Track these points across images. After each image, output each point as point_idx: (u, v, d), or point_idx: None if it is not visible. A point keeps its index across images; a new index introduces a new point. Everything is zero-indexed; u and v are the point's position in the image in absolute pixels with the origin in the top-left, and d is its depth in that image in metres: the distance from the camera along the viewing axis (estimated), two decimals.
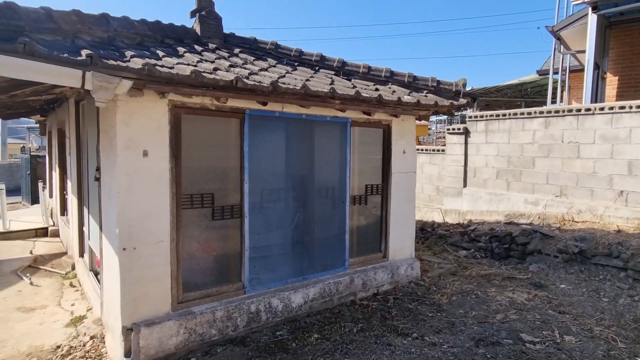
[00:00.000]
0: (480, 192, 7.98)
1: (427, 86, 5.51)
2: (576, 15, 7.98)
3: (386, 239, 5.16)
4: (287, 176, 4.23)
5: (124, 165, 3.15)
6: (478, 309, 4.35)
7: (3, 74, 2.43)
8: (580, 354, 3.36)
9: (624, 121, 6.06)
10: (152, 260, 3.32)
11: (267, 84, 3.46)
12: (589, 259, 5.59)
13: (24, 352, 3.54)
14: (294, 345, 3.57)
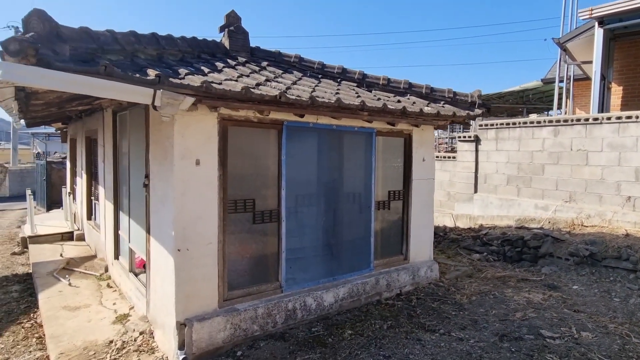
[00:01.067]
0: (490, 197, 8.27)
1: (444, 97, 5.81)
2: (581, 28, 8.31)
3: (407, 242, 5.44)
4: (319, 183, 4.52)
5: (180, 173, 3.44)
6: (498, 308, 4.62)
7: (86, 92, 2.73)
8: (597, 348, 3.63)
9: (630, 130, 6.37)
10: (202, 261, 3.60)
11: (306, 98, 3.77)
12: (599, 262, 5.86)
13: (80, 346, 3.81)
14: (330, 340, 3.84)
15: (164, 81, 2.98)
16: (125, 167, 5.13)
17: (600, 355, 3.51)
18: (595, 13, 6.95)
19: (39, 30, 2.61)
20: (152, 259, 4.05)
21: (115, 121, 5.52)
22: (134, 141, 4.70)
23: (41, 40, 2.56)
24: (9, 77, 2.39)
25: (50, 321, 4.38)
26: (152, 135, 3.92)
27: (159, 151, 3.73)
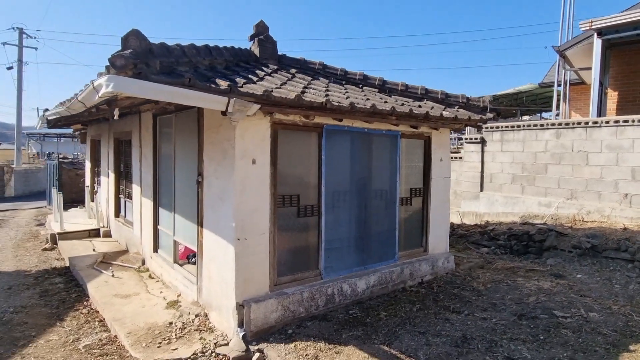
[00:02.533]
0: (496, 195, 8.79)
1: (458, 102, 6.29)
2: (579, 37, 8.88)
3: (426, 235, 5.92)
4: (351, 180, 4.98)
5: (240, 171, 3.88)
6: (512, 294, 5.12)
7: (173, 100, 3.17)
8: (605, 325, 4.14)
9: (627, 133, 6.93)
10: (256, 249, 4.05)
11: (347, 105, 4.23)
12: (600, 253, 6.40)
13: (143, 327, 4.22)
14: (368, 320, 4.30)
15: (234, 90, 3.43)
16: (168, 166, 5.54)
17: (608, 330, 4.01)
18: (594, 25, 7.51)
19: (136, 47, 3.04)
20: (205, 249, 4.48)
21: (155, 124, 5.93)
22: (182, 143, 5.13)
23: (138, 56, 2.99)
24: (119, 89, 2.82)
25: (108, 307, 4.78)
26: (207, 137, 4.35)
27: (216, 152, 4.16)
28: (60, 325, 4.51)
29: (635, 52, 8.87)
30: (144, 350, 3.76)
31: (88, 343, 4.04)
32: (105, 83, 2.81)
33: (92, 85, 2.97)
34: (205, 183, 4.43)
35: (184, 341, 3.93)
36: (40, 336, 4.21)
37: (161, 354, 3.69)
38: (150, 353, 3.71)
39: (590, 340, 3.81)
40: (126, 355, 3.75)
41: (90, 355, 3.78)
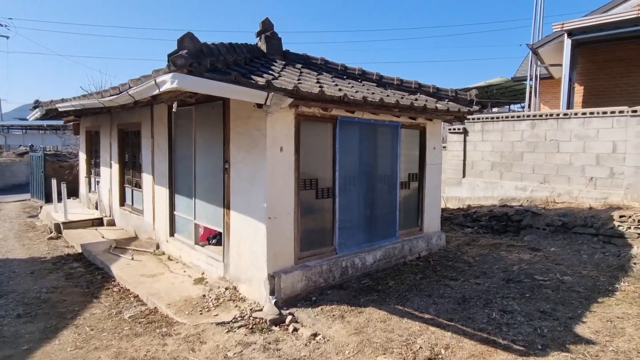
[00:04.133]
0: (477, 181, 9.61)
1: (448, 95, 6.95)
2: (550, 36, 9.75)
3: (422, 216, 6.60)
4: (360, 166, 5.55)
5: (270, 157, 4.37)
6: (498, 264, 5.87)
7: (221, 94, 3.62)
8: (577, 285, 4.93)
9: (593, 124, 7.83)
10: (284, 227, 4.57)
11: (360, 98, 4.78)
12: (569, 230, 7.28)
13: (180, 299, 4.67)
14: (380, 287, 4.92)
15: (270, 85, 3.90)
16: (186, 156, 5.92)
17: (580, 288, 4.80)
18: (565, 27, 8.35)
19: (190, 48, 3.46)
20: (232, 229, 4.95)
21: (170, 115, 6.28)
22: (203, 133, 5.53)
23: (193, 56, 3.42)
24: (182, 85, 3.26)
25: (139, 285, 5.18)
26: (234, 128, 4.80)
27: (245, 141, 4.62)
28: (98, 301, 4.89)
29: (599, 51, 9.83)
30: (188, 317, 4.23)
31: (132, 314, 4.46)
32: (171, 80, 3.23)
33: (155, 81, 3.38)
34: (232, 169, 4.88)
35: (222, 309, 4.42)
36: (83, 311, 4.59)
37: (205, 319, 4.18)
38: (194, 319, 4.19)
39: (567, 296, 4.58)
40: (173, 321, 4.20)
41: (139, 324, 4.21)
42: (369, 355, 3.40)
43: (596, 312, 4.14)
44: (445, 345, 3.47)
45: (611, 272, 5.46)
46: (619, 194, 7.65)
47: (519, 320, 3.93)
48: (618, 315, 4.05)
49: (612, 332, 3.68)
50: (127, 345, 3.72)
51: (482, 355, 3.28)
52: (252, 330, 3.96)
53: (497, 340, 3.53)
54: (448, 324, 3.87)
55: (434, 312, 4.15)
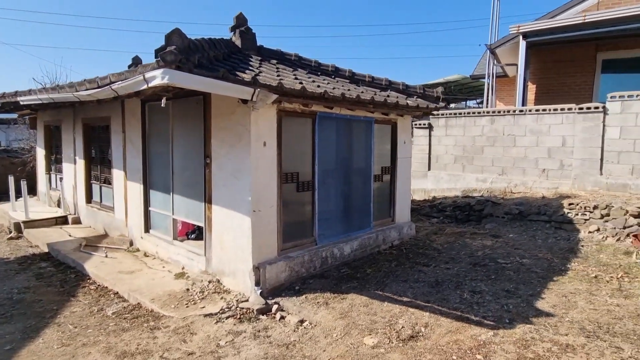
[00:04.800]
0: (441, 174, 10.14)
1: (416, 92, 7.31)
2: (507, 37, 10.42)
3: (394, 207, 6.93)
4: (337, 160, 5.76)
5: (255, 152, 4.48)
6: (464, 250, 6.32)
7: (209, 90, 3.69)
8: (535, 266, 5.44)
9: (545, 120, 8.51)
10: (267, 220, 4.70)
11: (339, 95, 4.98)
12: (525, 217, 7.92)
13: (163, 294, 4.69)
14: (358, 275, 5.18)
15: (256, 82, 4.01)
16: (163, 151, 5.88)
17: (538, 269, 5.31)
18: (521, 29, 8.98)
19: (178, 45, 3.50)
20: (214, 223, 5.01)
21: (144, 110, 6.19)
22: (181, 129, 5.52)
23: (182, 52, 3.47)
24: (173, 80, 3.30)
25: (118, 282, 5.13)
26: (216, 123, 4.85)
27: (228, 136, 4.69)
28: (76, 300, 4.80)
29: (550, 52, 10.63)
30: (175, 310, 4.28)
31: (115, 311, 4.44)
32: (161, 75, 3.27)
33: (144, 76, 3.39)
34: (214, 164, 4.93)
35: (208, 301, 4.50)
36: (62, 309, 4.50)
37: (192, 311, 4.24)
38: (182, 312, 4.25)
39: (527, 276, 5.05)
40: (160, 315, 4.23)
41: (124, 319, 4.21)
42: (355, 336, 3.63)
43: (552, 289, 4.62)
44: (425, 323, 3.78)
45: (563, 254, 6.05)
46: (567, 184, 8.40)
47: (487, 299, 4.32)
48: (571, 291, 4.54)
49: (567, 305, 4.15)
50: (116, 340, 3.73)
51: (458, 330, 3.61)
52: (240, 320, 4.08)
53: (470, 317, 3.88)
54: (425, 305, 4.19)
55: (411, 295, 4.46)
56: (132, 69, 3.74)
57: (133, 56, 9.45)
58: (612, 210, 7.04)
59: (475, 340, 3.42)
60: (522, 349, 3.24)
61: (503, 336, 3.47)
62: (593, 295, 4.43)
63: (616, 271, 5.17)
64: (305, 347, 3.53)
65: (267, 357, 3.38)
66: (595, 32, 8.78)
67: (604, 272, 5.16)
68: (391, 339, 3.53)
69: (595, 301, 4.25)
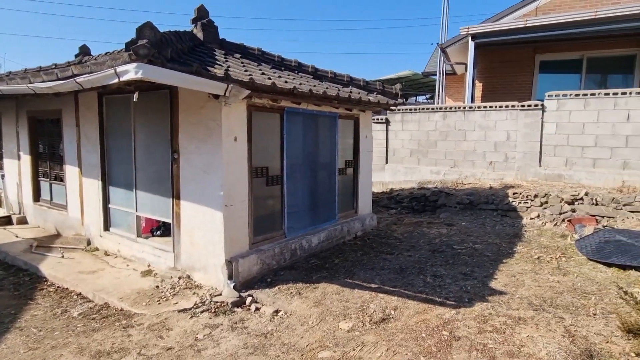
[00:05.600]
0: (398, 167, 10.61)
1: (376, 88, 7.60)
2: (457, 37, 11.05)
3: (357, 199, 7.21)
4: (304, 154, 5.89)
5: (226, 147, 4.50)
6: (423, 238, 6.73)
7: (182, 85, 3.67)
8: (486, 251, 5.94)
9: (492, 116, 9.19)
10: (239, 214, 4.75)
11: (307, 90, 5.11)
12: (475, 206, 8.54)
13: (132, 292, 4.60)
14: (327, 265, 5.38)
15: (228, 77, 4.03)
16: (124, 146, 5.69)
17: (489, 253, 5.80)
18: (470, 31, 9.58)
19: (150, 38, 3.44)
20: (183, 219, 4.97)
21: (101, 103, 5.93)
22: (145, 123, 5.37)
23: (154, 46, 3.42)
24: (146, 75, 3.26)
25: (80, 282, 4.94)
26: (184, 118, 4.79)
27: (198, 130, 4.66)
28: (35, 303, 4.57)
29: (495, 53, 11.42)
30: (147, 308, 4.23)
31: (81, 312, 4.29)
32: (135, 70, 3.21)
33: (115, 70, 3.30)
34: (182, 159, 4.88)
35: (180, 297, 4.48)
36: (22, 313, 4.28)
37: (165, 308, 4.22)
38: (154, 309, 4.21)
39: (480, 260, 5.52)
40: (131, 313, 4.16)
41: (93, 320, 4.10)
42: (331, 322, 3.82)
43: (503, 270, 5.10)
44: (394, 307, 4.05)
45: (509, 239, 6.64)
46: (511, 175, 9.15)
47: (447, 282, 4.69)
48: (518, 271, 5.05)
49: (516, 284, 4.62)
50: (87, 341, 3.64)
51: (424, 311, 3.92)
52: (215, 314, 4.12)
53: (434, 298, 4.22)
54: (393, 290, 4.48)
55: (379, 282, 4.74)
56: (99, 61, 3.61)
57: (80, 45, 8.93)
58: (550, 199, 7.80)
59: (441, 319, 3.74)
60: (482, 324, 3.60)
61: (464, 314, 3.82)
62: (537, 274, 4.95)
63: (555, 252, 5.79)
64: (283, 335, 3.66)
65: (246, 347, 3.48)
66: (534, 36, 9.58)
67: (544, 253, 5.76)
68: (364, 322, 3.76)
69: (539, 279, 4.76)
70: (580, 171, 8.35)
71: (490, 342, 3.27)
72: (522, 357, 3.04)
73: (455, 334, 3.44)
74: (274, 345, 3.49)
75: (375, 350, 3.27)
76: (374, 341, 3.41)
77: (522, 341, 3.27)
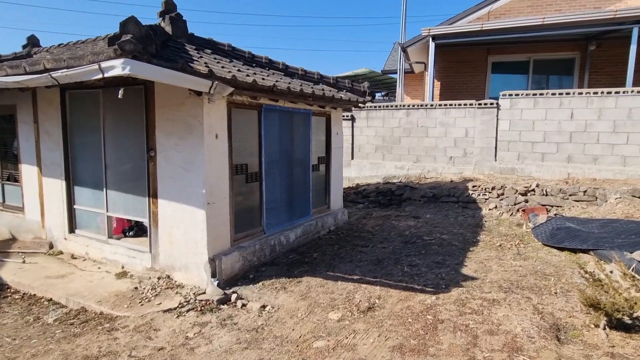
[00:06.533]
0: (364, 162, 10.91)
1: (345, 86, 7.78)
2: (417, 37, 11.52)
3: (329, 195, 7.37)
4: (280, 151, 5.94)
5: (208, 144, 4.46)
6: (394, 231, 7.03)
7: (168, 82, 3.60)
8: (453, 240, 6.33)
9: (452, 113, 9.71)
10: (220, 211, 4.73)
11: (285, 88, 5.17)
12: (438, 199, 9.01)
13: (109, 295, 4.45)
14: (306, 260, 5.49)
15: (212, 74, 4.01)
16: (92, 144, 5.44)
17: (456, 243, 6.20)
18: (431, 32, 10.04)
19: (135, 33, 3.35)
20: (161, 218, 4.86)
21: (64, 99, 5.63)
22: (117, 119, 5.18)
23: (140, 42, 3.34)
24: (134, 71, 3.18)
25: (50, 287, 4.70)
26: (161, 114, 4.68)
27: (177, 127, 4.57)
28: (1, 311, 4.30)
29: (452, 53, 12.03)
30: (130, 310, 4.12)
31: (56, 317, 4.10)
32: (122, 66, 3.13)
33: (99, 66, 3.18)
34: (160, 157, 4.77)
35: (163, 297, 4.40)
36: None
37: (149, 308, 4.13)
38: (138, 310, 4.11)
39: (449, 249, 5.89)
40: (113, 316, 4.04)
41: (71, 325, 3.93)
42: (320, 314, 3.95)
43: (471, 257, 5.49)
44: (378, 296, 4.25)
45: (472, 229, 7.11)
46: (470, 169, 9.74)
47: (423, 271, 4.98)
48: (485, 258, 5.45)
49: (485, 269, 5.00)
50: (71, 347, 3.50)
51: (407, 299, 4.16)
52: (202, 312, 4.11)
53: (414, 286, 4.47)
54: (374, 280, 4.68)
55: (360, 273, 4.93)
56: (78, 55, 3.46)
57: (28, 35, 8.33)
58: (506, 191, 8.42)
59: (423, 304, 3.99)
60: (461, 307, 3.89)
61: (444, 299, 4.10)
62: (501, 260, 5.38)
63: (514, 239, 6.29)
64: (274, 329, 3.74)
65: (240, 342, 3.52)
66: (490, 39, 10.22)
67: (505, 241, 6.25)
68: (352, 312, 3.93)
69: (504, 264, 5.18)
70: (531, 165, 9.08)
71: (471, 322, 3.56)
72: (501, 334, 3.35)
73: (438, 317, 3.70)
74: (267, 339, 3.56)
75: (367, 336, 3.44)
76: (364, 329, 3.59)
77: (499, 320, 3.59)
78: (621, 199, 7.23)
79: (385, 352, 3.17)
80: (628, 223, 5.98)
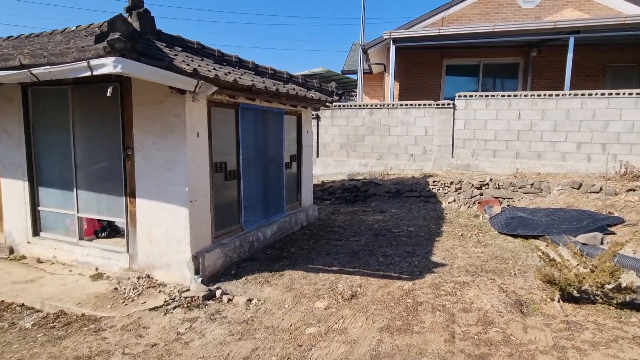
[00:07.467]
0: (329, 160, 11.20)
1: (314, 86, 8.01)
2: (377, 40, 11.99)
3: (300, 192, 7.56)
4: (256, 149, 6.05)
5: (190, 142, 4.49)
6: (364, 225, 7.37)
7: (156, 80, 3.63)
8: (420, 232, 6.77)
9: (412, 113, 10.25)
10: (202, 209, 4.78)
11: (262, 87, 5.30)
12: (402, 194, 9.50)
13: (89, 297, 4.36)
14: (285, 255, 5.66)
15: (196, 74, 4.07)
16: (60, 143, 5.24)
17: (422, 234, 6.64)
18: (392, 35, 10.51)
19: (123, 31, 3.35)
20: (140, 217, 4.81)
21: (26, 95, 5.37)
22: (88, 117, 5.04)
23: (129, 39, 3.35)
24: (126, 70, 3.19)
25: (20, 292, 4.51)
26: (140, 112, 4.63)
27: (157, 126, 4.55)
28: None
29: (411, 56, 12.63)
30: (114, 310, 4.08)
31: (34, 322, 3.97)
32: (113, 64, 3.13)
33: (88, 63, 3.15)
34: (138, 155, 4.72)
35: (146, 297, 4.39)
36: None
37: (134, 308, 4.11)
38: (123, 310, 4.07)
39: (417, 240, 6.30)
40: (97, 317, 3.97)
41: (53, 329, 3.83)
42: (306, 304, 4.15)
43: (438, 247, 5.93)
44: (359, 284, 4.53)
45: (435, 221, 7.62)
46: (429, 166, 10.34)
47: (397, 260, 5.33)
48: (450, 247, 5.91)
49: (451, 257, 5.44)
50: (58, 349, 3.44)
51: (386, 285, 4.46)
52: (189, 308, 4.16)
53: (391, 274, 4.80)
54: (353, 270, 4.95)
55: (339, 265, 5.18)
56: (62, 52, 3.39)
57: None
58: (463, 185, 9.06)
59: (402, 289, 4.31)
60: (436, 290, 4.26)
61: (420, 284, 4.45)
62: (464, 248, 5.86)
63: (473, 229, 6.85)
64: (264, 320, 3.88)
65: (232, 334, 3.64)
66: (447, 43, 10.89)
67: (466, 231, 6.78)
68: (337, 300, 4.16)
69: (467, 251, 5.66)
70: (484, 161, 9.82)
71: (447, 303, 3.93)
72: (474, 310, 3.74)
73: (417, 300, 4.03)
74: (258, 330, 3.70)
75: (355, 321, 3.69)
76: (351, 314, 3.84)
77: (471, 299, 3.99)
78: (562, 190, 8.07)
79: (375, 333, 3.44)
80: (570, 211, 6.73)
